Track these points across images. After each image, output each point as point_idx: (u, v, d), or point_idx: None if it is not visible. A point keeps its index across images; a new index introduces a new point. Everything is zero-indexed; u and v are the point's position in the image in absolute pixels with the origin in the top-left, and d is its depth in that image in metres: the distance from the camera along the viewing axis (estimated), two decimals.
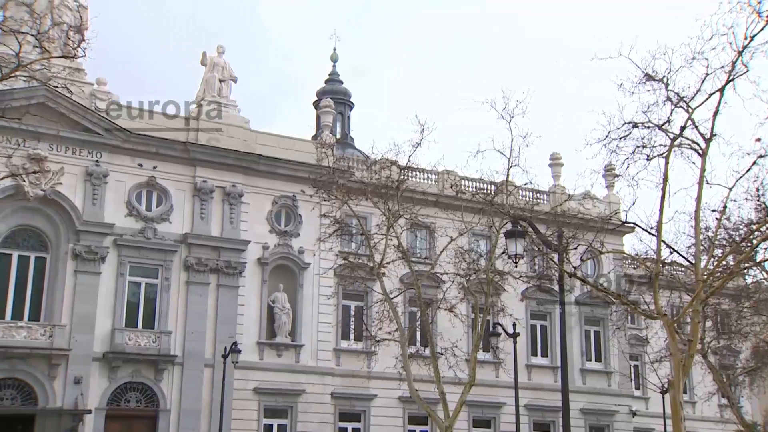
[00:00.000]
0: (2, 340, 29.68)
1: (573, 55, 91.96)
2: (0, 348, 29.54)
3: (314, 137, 40.89)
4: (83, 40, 22.34)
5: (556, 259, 22.80)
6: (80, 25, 23.96)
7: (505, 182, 27.62)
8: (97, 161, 32.83)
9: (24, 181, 30.46)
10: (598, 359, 42.35)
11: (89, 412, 30.63)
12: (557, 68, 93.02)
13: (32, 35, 20.28)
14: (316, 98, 52.30)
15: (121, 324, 32.33)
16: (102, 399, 31.36)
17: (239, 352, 31.48)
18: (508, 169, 26.92)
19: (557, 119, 79.09)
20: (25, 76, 21.82)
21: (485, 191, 29.45)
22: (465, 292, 29.68)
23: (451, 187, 32.35)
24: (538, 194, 40.85)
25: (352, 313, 37.20)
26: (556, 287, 30.54)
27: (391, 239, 27.86)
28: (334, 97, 47.29)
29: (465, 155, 27.36)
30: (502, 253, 23.86)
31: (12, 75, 20.46)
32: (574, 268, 21.93)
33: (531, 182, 27.95)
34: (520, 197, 36.10)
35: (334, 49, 54.71)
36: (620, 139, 20.91)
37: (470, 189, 34.12)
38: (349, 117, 53.61)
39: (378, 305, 29.42)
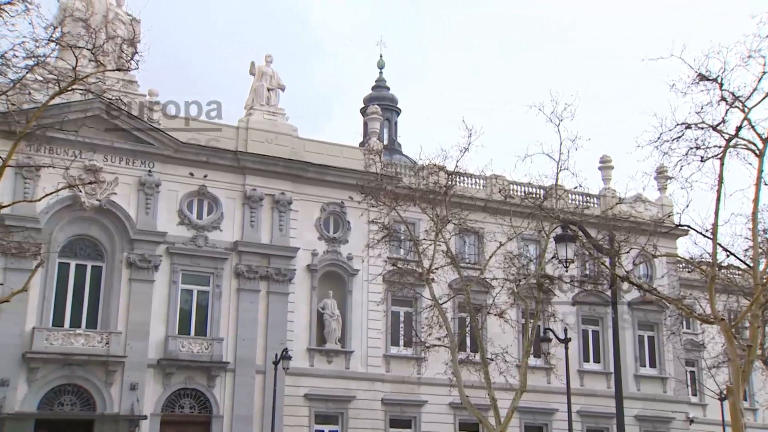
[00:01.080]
0: (62, 348, 30.44)
1: (623, 56, 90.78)
2: (60, 355, 30.30)
3: (361, 144, 41.04)
4: (136, 52, 22.84)
5: (607, 263, 22.49)
6: (133, 38, 24.43)
7: (554, 186, 27.37)
8: (149, 171, 33.49)
9: (80, 191, 31.21)
10: (652, 365, 41.59)
11: (145, 417, 31.22)
12: (606, 70, 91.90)
13: (88, 49, 20.78)
14: (363, 105, 52.53)
15: (175, 331, 32.87)
16: (157, 405, 31.91)
17: (290, 358, 31.73)
18: (557, 173, 26.67)
19: (607, 121, 78.11)
20: (81, 90, 22.34)
21: (534, 195, 29.26)
22: (515, 297, 29.49)
23: (500, 192, 32.17)
24: (588, 198, 40.41)
25: (402, 319, 37.21)
26: (608, 291, 30.18)
27: (440, 245, 27.81)
28: (381, 104, 47.46)
29: (513, 159, 27.08)
30: (552, 258, 23.63)
31: (69, 89, 20.99)
32: (627, 272, 21.57)
33: (581, 186, 27.61)
34: (570, 201, 35.80)
35: (381, 56, 54.98)
36: (673, 140, 20.49)
37: (519, 193, 33.93)
38: (396, 123, 53.72)
39: (427, 311, 29.37)
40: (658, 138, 20.61)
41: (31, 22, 19.03)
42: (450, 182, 28.48)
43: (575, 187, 28.03)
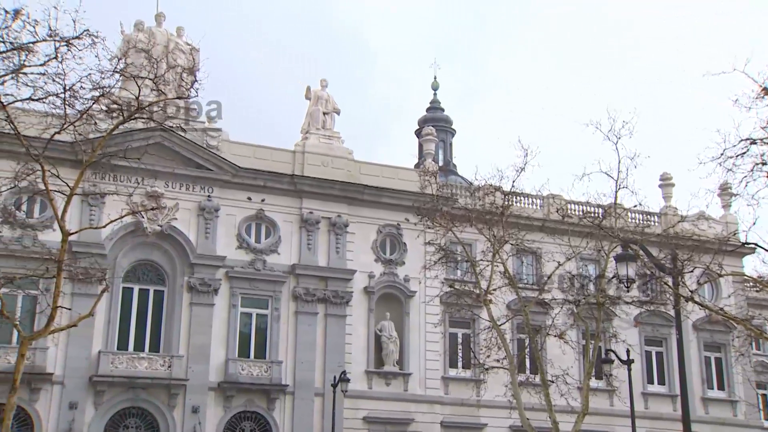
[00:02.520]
0: (126, 371, 31.07)
1: (684, 71, 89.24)
2: (124, 378, 30.93)
3: (417, 165, 41.16)
4: (195, 80, 23.40)
5: (670, 283, 21.99)
6: (192, 67, 25.03)
7: (613, 205, 26.98)
8: (209, 196, 34.12)
9: (143, 217, 31.96)
10: (720, 387, 40.34)
11: None
12: (667, 86, 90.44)
13: (150, 79, 21.39)
14: (417, 126, 52.71)
15: (234, 354, 33.24)
16: (218, 427, 32.24)
17: (348, 380, 31.76)
18: (616, 192, 26.32)
19: (667, 138, 76.78)
20: (143, 118, 23.00)
21: (593, 214, 28.87)
22: (575, 317, 29.09)
23: (557, 212, 31.83)
24: (648, 216, 39.69)
25: (460, 340, 36.95)
26: (672, 312, 29.49)
27: (497, 265, 27.62)
28: (436, 125, 47.53)
29: (570, 178, 26.95)
30: (613, 278, 23.23)
31: (132, 118, 21.61)
32: (691, 291, 21.06)
33: (641, 204, 27.19)
34: (630, 220, 35.21)
35: (435, 78, 55.19)
36: (737, 156, 19.99)
37: (577, 213, 33.51)
38: (451, 144, 53.73)
39: (485, 332, 29.14)
40: (722, 154, 20.14)
41: (97, 54, 19.76)
42: (506, 202, 28.32)
43: (635, 206, 27.61)
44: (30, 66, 19.48)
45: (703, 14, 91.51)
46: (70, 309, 24.23)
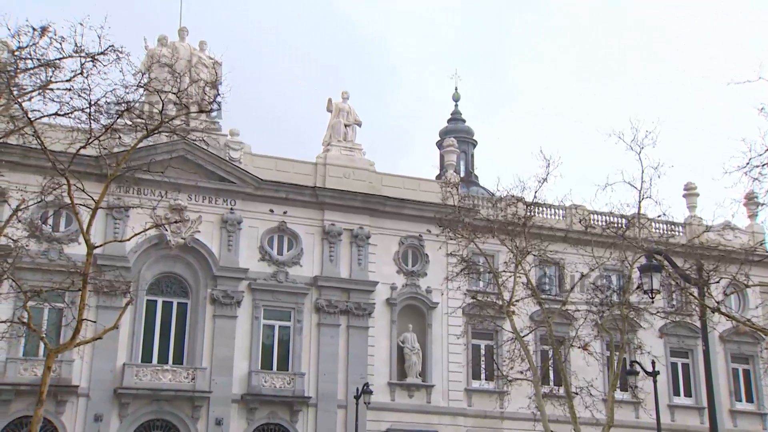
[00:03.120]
0: (150, 383, 31.24)
1: (707, 80, 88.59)
2: (148, 390, 31.09)
3: (438, 177, 41.14)
4: (218, 94, 23.59)
5: (696, 294, 21.77)
6: (215, 81, 25.28)
7: (636, 215, 26.81)
8: (231, 209, 34.31)
9: (166, 230, 32.19)
10: (749, 399, 39.78)
11: None
12: (691, 94, 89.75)
13: (173, 93, 21.60)
14: (439, 138, 52.71)
15: (257, 366, 33.31)
16: None
17: (371, 392, 31.69)
18: (640, 202, 26.16)
19: (691, 148, 76.10)
20: (167, 132, 23.21)
21: (616, 225, 28.70)
22: (599, 329, 28.90)
23: (580, 222, 31.66)
24: (673, 226, 39.35)
25: (483, 352, 36.80)
26: (698, 323, 29.14)
27: (520, 276, 27.52)
28: (457, 136, 47.50)
29: (593, 189, 26.81)
30: (637, 288, 23.01)
31: (156, 132, 21.82)
32: (717, 302, 20.82)
33: (665, 214, 26.99)
34: (654, 230, 34.96)
35: (456, 89, 55.15)
36: (763, 165, 19.77)
37: (600, 223, 33.30)
38: (472, 155, 53.62)
39: (508, 344, 29.02)
40: (747, 163, 19.90)
41: (122, 69, 19.97)
42: (529, 213, 28.22)
43: (659, 216, 27.42)
44: (56, 82, 19.76)
45: (729, 22, 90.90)
46: (95, 322, 24.47)
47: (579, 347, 27.55)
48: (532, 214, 28.74)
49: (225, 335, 32.96)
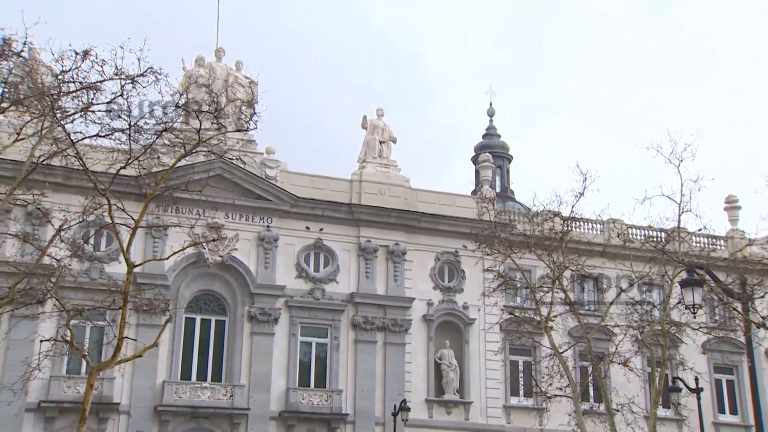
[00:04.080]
0: (190, 401, 31.47)
1: (748, 92, 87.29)
2: (187, 408, 31.32)
3: (474, 192, 41.05)
4: (254, 113, 23.89)
5: (740, 309, 21.37)
6: (251, 100, 25.60)
7: (676, 229, 26.44)
8: (268, 226, 34.56)
9: (204, 248, 32.51)
10: None
11: None
12: (731, 106, 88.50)
13: (211, 113, 21.92)
14: (474, 153, 52.64)
15: (295, 383, 33.39)
16: None
17: (408, 409, 31.54)
18: (679, 215, 25.83)
19: (732, 160, 74.97)
20: (204, 151, 23.53)
21: (655, 239, 28.32)
22: (639, 344, 28.48)
23: (618, 236, 31.32)
24: (714, 240, 38.70)
25: (521, 368, 36.46)
26: (742, 338, 28.57)
27: (558, 292, 27.27)
28: (492, 151, 47.38)
29: (631, 202, 26.61)
30: (678, 303, 22.69)
31: (194, 151, 22.14)
32: (762, 317, 20.41)
33: (705, 228, 26.60)
34: (695, 244, 34.41)
35: (491, 104, 55.11)
36: None
37: (639, 237, 32.95)
38: (508, 170, 53.44)
39: (547, 360, 28.74)
40: None
41: (160, 90, 20.33)
42: (566, 228, 27.99)
43: (700, 230, 27.03)
44: (97, 104, 20.19)
45: (766, 32, 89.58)
46: (135, 340, 24.74)
47: (619, 363, 27.16)
48: (569, 228, 28.50)
49: (263, 352, 33.11)
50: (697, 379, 29.72)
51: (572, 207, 27.32)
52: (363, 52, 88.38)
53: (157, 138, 21.32)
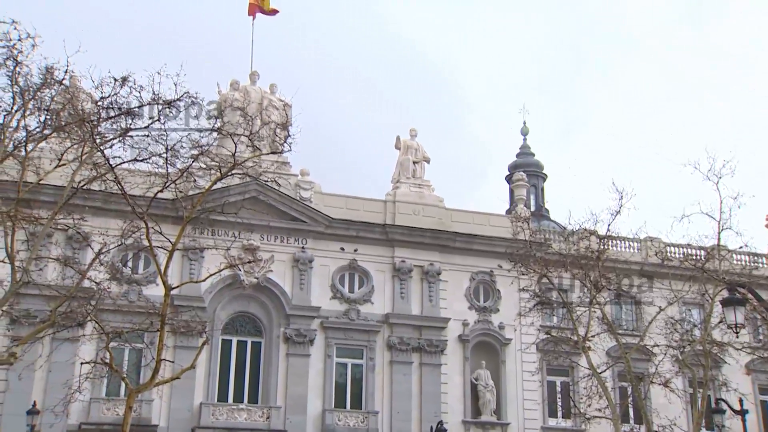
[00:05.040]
0: (226, 422, 31.51)
1: None
2: (224, 429, 31.35)
3: (508, 211, 40.84)
4: (288, 136, 24.10)
5: None
6: (285, 122, 25.85)
7: (716, 247, 26.05)
8: (303, 248, 34.72)
9: (240, 270, 32.72)
10: None
11: None
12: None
13: (246, 136, 22.18)
14: (508, 172, 52.44)
15: (331, 405, 33.32)
16: None
17: (445, 431, 31.29)
18: (719, 233, 25.50)
19: None
20: (240, 174, 23.78)
21: (694, 257, 27.93)
22: (680, 365, 27.99)
23: (656, 255, 30.96)
24: (756, 258, 37.96)
25: (559, 389, 35.99)
26: None
27: (595, 311, 26.99)
28: (527, 170, 47.11)
29: (669, 220, 26.30)
30: (719, 323, 22.31)
31: (229, 173, 22.38)
32: None
33: (747, 245, 26.15)
34: (735, 262, 33.83)
35: (524, 123, 54.96)
36: None
37: (677, 255, 32.46)
38: (542, 189, 53.14)
39: (585, 380, 28.38)
40: None
41: (196, 115, 20.61)
42: (602, 246, 27.72)
43: (740, 247, 26.61)
44: (135, 129, 20.56)
45: None
46: (172, 362, 24.96)
47: (660, 384, 26.72)
48: (606, 247, 28.23)
49: (298, 374, 33.13)
50: (741, 401, 29.05)
51: (608, 225, 27.13)
52: (397, 71, 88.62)
53: (193, 161, 21.61)
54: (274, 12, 38.77)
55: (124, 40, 72.64)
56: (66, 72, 19.91)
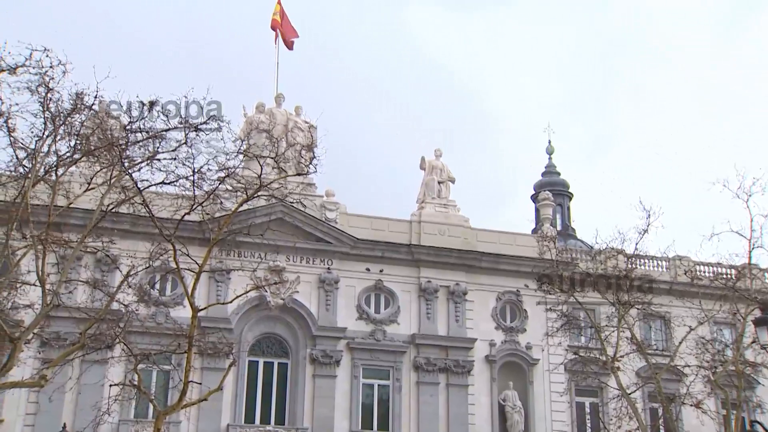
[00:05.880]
0: None
1: None
2: None
3: (534, 231, 40.64)
4: (314, 157, 24.26)
5: None
6: (311, 144, 26.01)
7: (747, 265, 25.71)
8: (328, 269, 34.77)
9: (266, 291, 32.83)
10: None
11: None
12: None
13: (272, 158, 22.36)
14: (533, 191, 52.25)
15: (358, 426, 33.18)
16: None
17: None
18: (750, 251, 25.16)
19: None
20: (265, 196, 23.93)
21: (725, 276, 27.57)
22: (712, 385, 27.54)
23: (686, 274, 30.61)
24: None
25: (588, 410, 35.54)
26: None
27: (623, 331, 26.69)
28: (552, 189, 46.91)
29: (698, 239, 26.05)
30: (752, 343, 21.96)
31: (255, 195, 22.55)
32: None
33: None
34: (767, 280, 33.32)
35: (549, 142, 54.76)
36: None
37: (707, 274, 32.06)
38: (568, 208, 52.85)
39: (615, 401, 28.05)
40: None
41: (222, 137, 20.86)
42: (630, 265, 27.49)
43: None
44: (163, 152, 20.82)
45: None
46: (200, 383, 24.98)
47: (691, 405, 26.32)
48: (634, 266, 27.99)
49: (325, 395, 33.06)
50: None
51: (636, 244, 26.89)
52: (422, 90, 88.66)
53: (219, 184, 21.81)
54: (292, 36, 39.03)
55: (152, 64, 73.66)
56: (95, 97, 20.25)
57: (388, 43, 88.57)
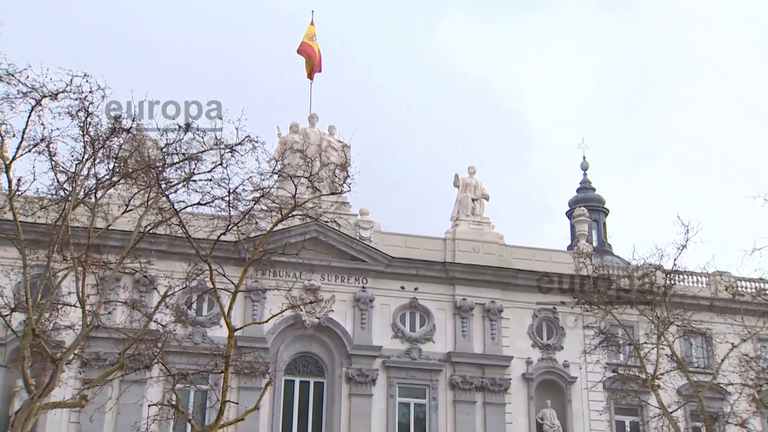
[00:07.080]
0: None
1: None
2: None
3: (569, 247, 40.29)
4: (348, 176, 24.37)
5: None
6: (344, 163, 26.15)
7: None
8: (363, 287, 34.77)
9: (302, 311, 32.93)
10: None
11: None
12: None
13: (306, 178, 22.51)
14: (568, 207, 51.84)
15: None
16: None
17: None
18: None
19: None
20: (300, 215, 24.08)
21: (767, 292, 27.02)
22: (757, 404, 26.91)
23: (727, 290, 30.06)
24: None
25: (628, 429, 34.95)
26: None
27: (663, 348, 26.25)
28: (588, 205, 46.51)
29: (739, 254, 25.52)
30: None
31: (290, 215, 22.70)
32: None
33: None
34: None
35: (584, 157, 54.36)
36: None
37: (749, 290, 31.45)
38: (604, 224, 52.34)
39: (656, 420, 27.58)
40: None
41: (257, 158, 21.09)
42: (668, 282, 27.08)
43: None
44: (199, 173, 21.10)
45: None
46: (237, 403, 25.11)
47: (736, 424, 25.76)
48: (673, 282, 27.58)
49: (361, 414, 32.95)
50: None
51: (674, 260, 26.50)
52: (457, 106, 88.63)
53: (254, 204, 22.01)
54: (317, 70, 38.96)
55: (186, 83, 74.75)
56: (133, 120, 20.62)
57: (421, 59, 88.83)
